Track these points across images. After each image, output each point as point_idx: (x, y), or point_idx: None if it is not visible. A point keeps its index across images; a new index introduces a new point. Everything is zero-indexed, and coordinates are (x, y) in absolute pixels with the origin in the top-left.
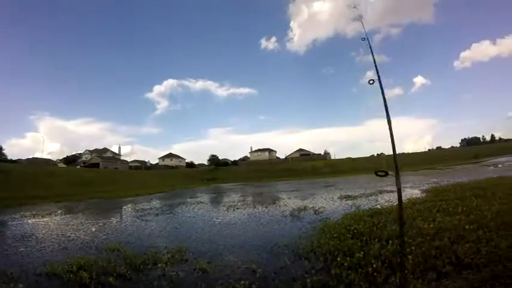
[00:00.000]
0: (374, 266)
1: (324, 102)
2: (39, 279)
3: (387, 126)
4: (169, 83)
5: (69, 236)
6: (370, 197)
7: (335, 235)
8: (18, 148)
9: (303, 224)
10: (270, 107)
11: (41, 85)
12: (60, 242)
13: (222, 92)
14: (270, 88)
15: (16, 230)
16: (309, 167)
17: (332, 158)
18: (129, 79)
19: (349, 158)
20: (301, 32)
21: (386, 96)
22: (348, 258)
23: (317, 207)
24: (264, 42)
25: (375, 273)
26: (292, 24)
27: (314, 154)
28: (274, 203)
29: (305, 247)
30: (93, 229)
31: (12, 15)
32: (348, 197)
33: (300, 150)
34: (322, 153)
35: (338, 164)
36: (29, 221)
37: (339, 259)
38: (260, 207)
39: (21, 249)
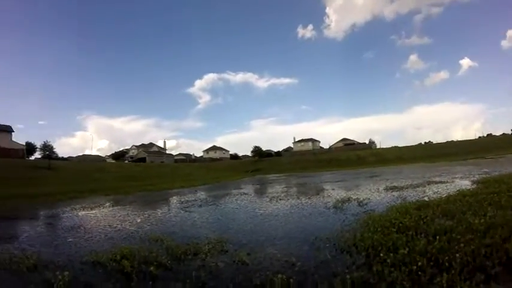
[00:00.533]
0: (419, 263)
1: (366, 89)
2: (84, 268)
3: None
4: (210, 77)
5: (115, 227)
6: (417, 189)
7: (379, 229)
8: (69, 147)
9: (346, 216)
10: (311, 96)
11: (86, 86)
12: (106, 233)
13: (262, 83)
14: (311, 77)
15: (66, 221)
16: (353, 156)
17: (377, 147)
18: (171, 76)
19: (395, 147)
20: (338, 18)
21: (430, 81)
22: (392, 254)
23: (361, 199)
24: (301, 31)
25: (420, 272)
26: (328, 10)
27: (358, 143)
28: (318, 194)
29: (347, 241)
30: (139, 220)
31: (56, 18)
32: (393, 188)
33: (344, 139)
34: (367, 142)
35: (383, 153)
36: (79, 213)
37: (381, 255)
38: (303, 199)
39: (70, 239)
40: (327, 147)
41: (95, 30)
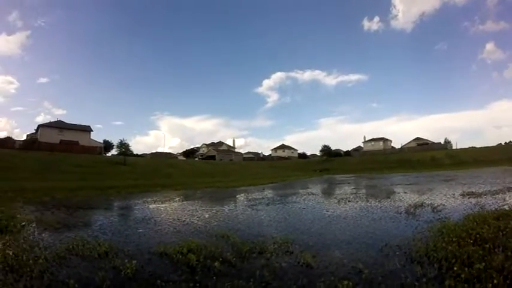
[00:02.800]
0: (495, 281)
1: (440, 83)
2: (151, 258)
3: None
4: (278, 76)
5: (184, 221)
6: (496, 196)
7: (454, 239)
8: (143, 145)
9: (418, 223)
10: (382, 92)
11: (159, 88)
12: (175, 226)
13: (330, 80)
14: (380, 72)
15: (138, 213)
16: (427, 157)
17: (453, 147)
18: (240, 76)
19: (472, 148)
20: (405, 8)
21: (510, 72)
22: (466, 269)
23: (435, 205)
24: (366, 23)
25: None
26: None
27: (433, 143)
28: (389, 197)
29: (419, 250)
30: (207, 215)
31: (130, 23)
32: (470, 194)
33: (417, 139)
34: (442, 142)
35: (460, 155)
36: (150, 206)
37: (455, 268)
38: (373, 201)
39: (140, 230)
40: (399, 146)
41: (167, 34)
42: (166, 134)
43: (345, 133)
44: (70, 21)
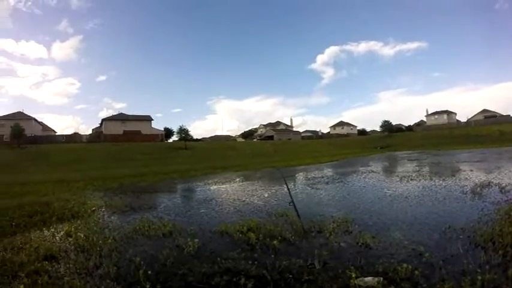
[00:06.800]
0: None
1: (506, 48)
2: (213, 236)
3: None
4: (331, 50)
5: (244, 201)
6: None
7: None
8: (202, 129)
9: (485, 205)
10: (443, 60)
11: (213, 73)
12: (235, 206)
13: (387, 50)
14: (440, 38)
15: (199, 194)
16: (495, 132)
17: None
18: (293, 54)
19: None
20: None
21: None
22: None
23: (504, 185)
24: None
25: None
26: None
27: (502, 116)
28: (453, 176)
29: (484, 234)
30: (266, 195)
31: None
32: None
33: (484, 111)
34: None
35: None
36: (211, 188)
37: None
38: (437, 180)
39: (202, 210)
40: (465, 120)
41: (216, 19)
42: (223, 118)
43: (406, 106)
44: (119, 20)
